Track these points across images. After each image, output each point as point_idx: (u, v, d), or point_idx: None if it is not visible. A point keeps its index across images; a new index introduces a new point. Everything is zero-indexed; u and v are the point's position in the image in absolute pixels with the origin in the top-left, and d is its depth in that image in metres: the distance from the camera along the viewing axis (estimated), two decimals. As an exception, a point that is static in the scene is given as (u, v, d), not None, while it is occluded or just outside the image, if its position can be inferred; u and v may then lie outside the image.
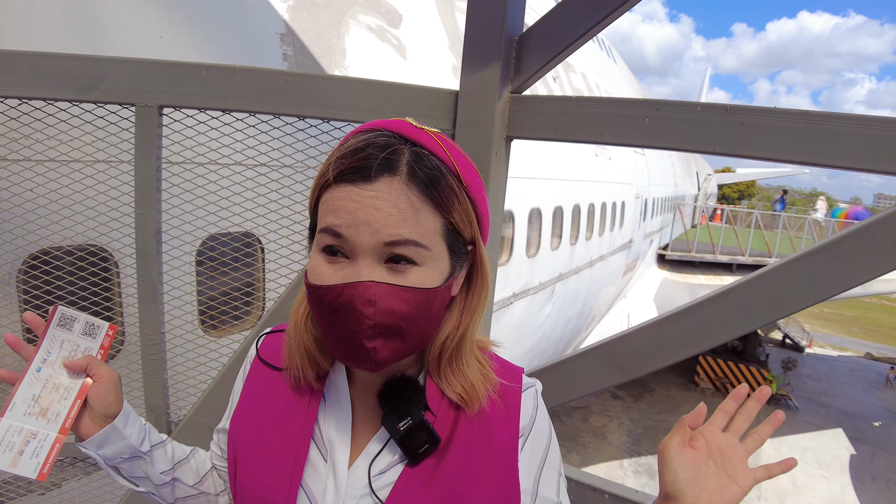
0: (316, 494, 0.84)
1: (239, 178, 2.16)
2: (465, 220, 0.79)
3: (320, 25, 3.60)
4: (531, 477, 0.88)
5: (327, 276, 0.74)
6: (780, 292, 1.67)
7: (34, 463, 0.90)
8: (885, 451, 16.37)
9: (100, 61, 1.78)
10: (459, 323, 0.86)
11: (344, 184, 0.73)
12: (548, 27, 1.83)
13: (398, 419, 0.82)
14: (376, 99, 1.86)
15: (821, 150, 1.59)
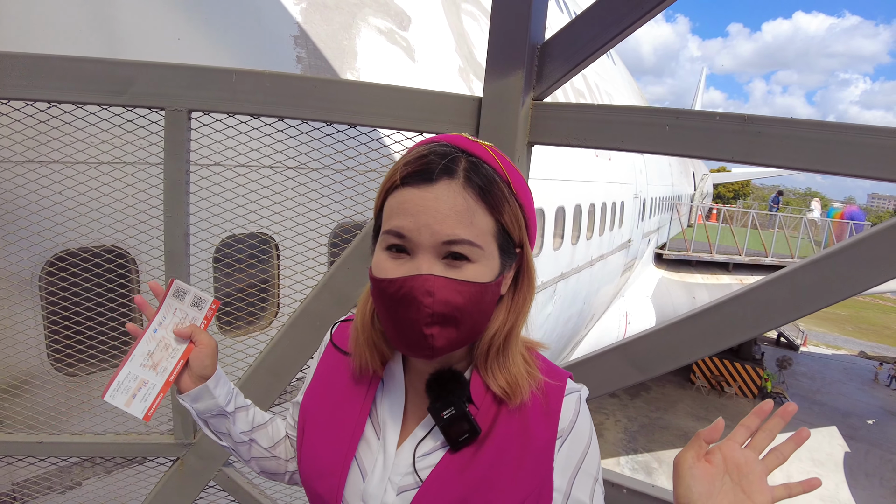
0: (367, 467, 0.94)
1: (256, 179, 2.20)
2: (515, 223, 0.87)
3: (332, 27, 3.64)
4: (566, 478, 0.92)
5: (391, 271, 0.83)
6: (798, 294, 1.72)
7: (142, 406, 1.07)
8: (879, 449, 16.53)
9: (129, 65, 1.82)
10: (506, 320, 0.92)
11: (408, 186, 0.82)
12: (570, 37, 1.87)
13: (443, 408, 0.89)
14: (402, 105, 1.90)
15: (835, 160, 1.65)
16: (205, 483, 2.16)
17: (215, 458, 2.13)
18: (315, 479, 0.97)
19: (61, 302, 2.26)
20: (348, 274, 2.01)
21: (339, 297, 2.02)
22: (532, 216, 0.92)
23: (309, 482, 0.98)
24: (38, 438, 2.08)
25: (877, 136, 1.59)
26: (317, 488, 0.96)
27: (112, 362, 2.48)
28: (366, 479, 0.93)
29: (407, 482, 0.91)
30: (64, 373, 2.40)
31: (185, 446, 2.11)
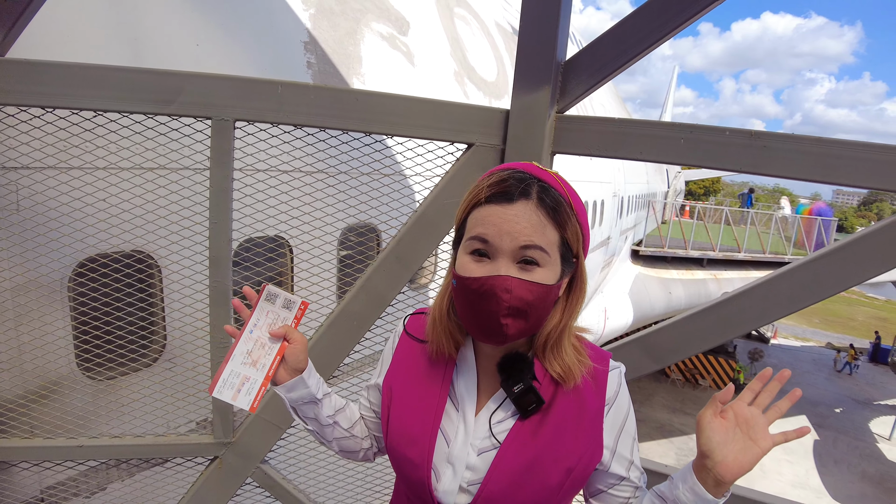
0: (450, 435, 1.12)
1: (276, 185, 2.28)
2: (575, 237, 1.05)
3: (339, 33, 3.72)
4: (613, 436, 1.13)
5: (475, 271, 1.01)
6: (796, 289, 1.92)
7: (247, 399, 1.19)
8: (846, 436, 17.20)
9: (177, 76, 1.89)
10: (562, 318, 1.11)
11: (491, 204, 1.01)
12: (592, 55, 2.01)
13: (514, 384, 1.07)
14: (435, 116, 2.02)
15: (831, 171, 1.86)
16: (242, 480, 2.24)
17: (254, 456, 2.22)
18: (405, 446, 1.14)
19: (91, 303, 2.31)
20: (383, 275, 2.12)
21: (376, 297, 2.13)
22: (587, 232, 1.09)
23: (399, 449, 1.15)
24: (77, 442, 2.14)
25: (867, 151, 1.81)
26: (407, 454, 1.13)
27: (133, 365, 2.54)
28: (450, 445, 1.11)
29: (485, 445, 1.09)
30: (94, 378, 2.45)
31: (224, 445, 2.19)
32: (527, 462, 1.07)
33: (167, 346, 2.64)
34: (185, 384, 2.36)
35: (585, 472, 1.12)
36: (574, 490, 1.15)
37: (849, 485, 14.31)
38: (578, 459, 1.09)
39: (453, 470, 1.10)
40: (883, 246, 1.82)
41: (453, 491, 1.10)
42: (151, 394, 2.35)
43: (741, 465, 0.99)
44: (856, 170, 1.83)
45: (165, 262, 2.52)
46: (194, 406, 2.41)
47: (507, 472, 1.07)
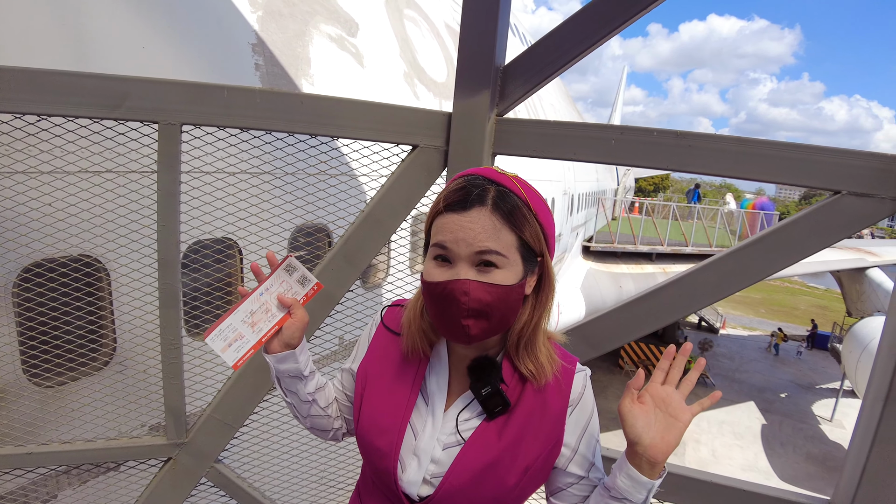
0: (418, 428, 1.18)
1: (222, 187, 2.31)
2: (535, 238, 1.10)
3: (287, 35, 3.74)
4: (575, 437, 1.19)
5: (437, 276, 1.07)
6: (722, 278, 2.09)
7: (234, 356, 1.23)
8: (791, 420, 18.07)
9: (124, 81, 1.90)
10: (532, 316, 1.16)
11: (449, 212, 1.06)
12: (530, 59, 2.12)
13: (482, 387, 1.14)
14: (381, 119, 2.09)
15: (750, 168, 2.03)
16: (197, 480, 2.26)
17: (207, 456, 2.24)
18: (375, 435, 1.19)
19: (37, 308, 2.29)
20: (331, 274, 2.17)
21: (324, 297, 2.18)
22: (550, 231, 1.14)
23: (369, 437, 1.21)
24: (26, 450, 2.12)
25: (782, 150, 1.99)
26: (376, 443, 1.19)
27: (82, 370, 2.52)
28: (417, 437, 1.17)
29: (451, 440, 1.16)
30: (42, 384, 2.42)
31: (178, 446, 2.21)
32: (489, 461, 1.13)
33: (117, 349, 2.63)
34: (137, 387, 2.36)
35: (542, 472, 1.19)
36: (530, 488, 1.20)
37: (795, 465, 15.05)
38: (535, 459, 1.15)
39: (419, 462, 1.16)
40: (801, 235, 2.02)
41: (417, 482, 1.16)
42: (102, 398, 2.34)
43: (668, 443, 1.05)
44: (772, 167, 2.01)
45: (114, 266, 2.51)
46: (146, 409, 2.41)
47: (469, 470, 1.13)
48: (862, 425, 2.04)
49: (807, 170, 1.98)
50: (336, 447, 2.76)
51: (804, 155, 1.98)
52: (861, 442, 2.02)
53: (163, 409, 2.15)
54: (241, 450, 2.47)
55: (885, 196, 1.92)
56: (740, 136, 2.04)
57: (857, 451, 2.03)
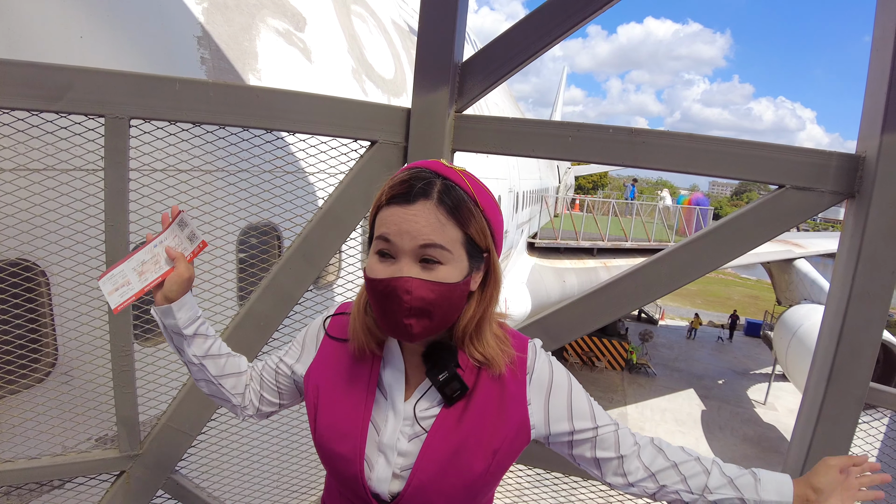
0: (380, 423, 1.15)
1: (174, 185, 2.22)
2: (480, 233, 1.07)
3: (233, 28, 3.62)
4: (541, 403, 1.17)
5: (379, 272, 1.03)
6: (675, 270, 2.18)
7: (118, 300, 1.25)
8: (729, 404, 18.96)
9: (66, 70, 1.79)
10: (476, 311, 1.13)
11: (393, 205, 1.03)
12: (488, 56, 2.13)
13: (438, 372, 1.11)
14: (339, 114, 2.05)
15: (700, 163, 2.12)
16: (153, 493, 2.16)
17: (164, 467, 2.14)
18: (336, 442, 1.15)
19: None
20: (289, 274, 2.12)
21: (282, 296, 2.13)
22: (497, 227, 1.12)
23: (329, 445, 1.16)
24: (-41, 468, 1.97)
25: (729, 146, 2.10)
26: (338, 449, 1.15)
27: (23, 382, 2.36)
28: (380, 433, 1.14)
29: (415, 430, 1.13)
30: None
31: (131, 458, 2.10)
32: (453, 448, 1.10)
33: (59, 359, 2.47)
34: (85, 398, 2.22)
35: (510, 455, 1.16)
36: (500, 472, 1.18)
37: (733, 448, 15.78)
38: (502, 441, 1.13)
39: (386, 458, 1.13)
40: (749, 228, 2.14)
41: (387, 478, 1.12)
42: (46, 411, 2.19)
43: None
44: (721, 162, 2.12)
45: (55, 270, 2.35)
46: (96, 421, 2.27)
47: (435, 459, 1.10)
48: (806, 406, 2.17)
49: (753, 165, 2.09)
50: (297, 452, 2.69)
51: (751, 151, 2.09)
52: (806, 422, 2.14)
53: (114, 419, 2.05)
54: (200, 459, 2.36)
55: (823, 189, 2.06)
56: (692, 133, 2.13)
57: (802, 431, 2.15)
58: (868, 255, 1.98)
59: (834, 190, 2.05)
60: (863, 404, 2.08)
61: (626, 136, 2.12)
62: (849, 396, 2.06)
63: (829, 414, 2.07)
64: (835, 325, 2.07)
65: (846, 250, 2.09)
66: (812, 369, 2.20)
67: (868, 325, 2.02)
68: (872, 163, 1.96)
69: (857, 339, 2.03)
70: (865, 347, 2.03)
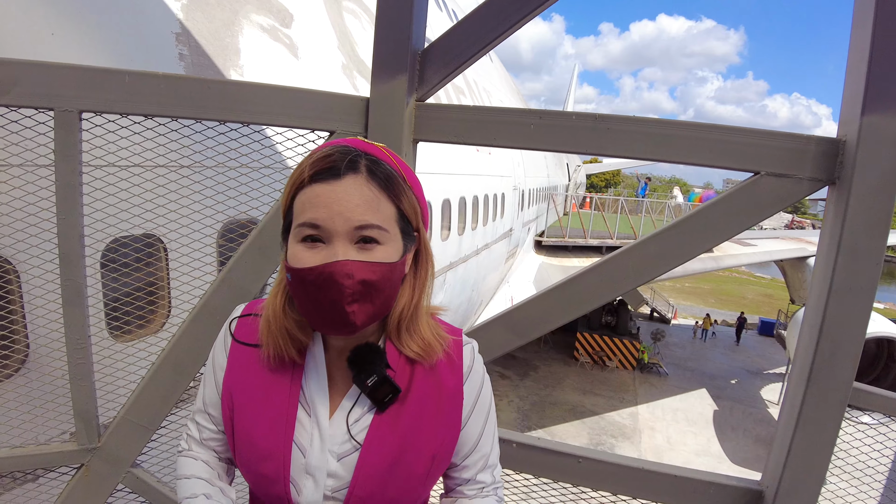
0: (305, 445, 1.05)
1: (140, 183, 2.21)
2: (412, 209, 1.02)
3: (214, 24, 3.61)
4: (466, 412, 1.13)
5: (308, 260, 0.93)
6: (644, 262, 2.11)
7: None
8: (742, 405, 18.73)
9: (10, 64, 1.79)
10: (412, 295, 1.07)
11: (318, 183, 0.93)
12: (447, 44, 2.09)
13: (366, 377, 1.03)
14: (295, 105, 2.02)
15: (670, 150, 2.05)
16: (113, 487, 2.15)
17: (123, 461, 2.13)
18: (258, 462, 1.06)
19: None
20: (246, 267, 2.10)
21: (238, 290, 2.11)
22: (424, 204, 1.08)
23: (251, 465, 1.07)
24: (-83, 460, 1.98)
25: (699, 132, 2.02)
26: (261, 470, 1.06)
27: None
28: (307, 455, 1.05)
29: (345, 449, 1.05)
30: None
31: (90, 451, 2.10)
32: (391, 458, 1.05)
33: (30, 354, 2.48)
34: (56, 393, 2.22)
35: (449, 454, 1.13)
36: (440, 471, 1.14)
37: (745, 448, 15.58)
38: (441, 443, 1.09)
39: (314, 480, 1.05)
40: (722, 217, 2.05)
41: (317, 502, 1.05)
42: (19, 406, 2.18)
43: None
44: (691, 149, 2.03)
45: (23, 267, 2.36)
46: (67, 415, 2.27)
47: (373, 474, 1.04)
48: (787, 407, 2.09)
49: (727, 151, 2.00)
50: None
51: (724, 136, 2.00)
52: (786, 424, 2.06)
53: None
54: (161, 453, 2.35)
55: (801, 176, 1.96)
56: (660, 118, 2.06)
57: (783, 432, 2.07)
58: (849, 246, 1.86)
59: (813, 176, 1.94)
60: (845, 406, 1.96)
61: (591, 122, 2.07)
62: (830, 398, 1.95)
63: (810, 416, 1.97)
64: (815, 321, 1.96)
65: (827, 241, 1.97)
66: (793, 369, 2.11)
67: (850, 322, 1.90)
68: (853, 147, 1.85)
69: (838, 337, 1.91)
70: (847, 345, 1.91)
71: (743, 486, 2.14)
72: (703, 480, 2.15)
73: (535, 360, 21.32)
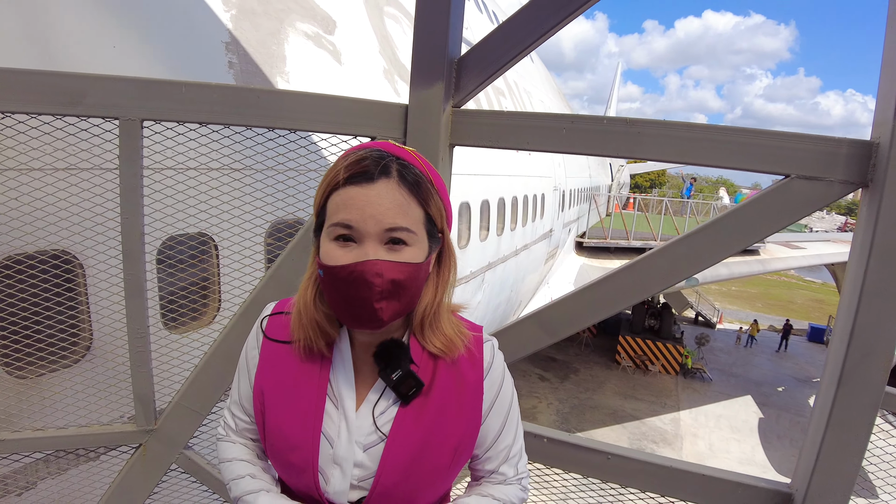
0: (333, 436, 1.11)
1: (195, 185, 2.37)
2: (438, 213, 1.07)
3: (261, 33, 3.80)
4: (486, 406, 1.18)
5: (341, 258, 0.99)
6: (674, 263, 2.15)
7: None
8: (788, 413, 18.17)
9: (80, 78, 1.96)
10: (435, 293, 1.13)
11: (351, 186, 0.99)
12: (482, 53, 2.18)
13: (391, 371, 1.09)
14: (338, 112, 2.14)
15: (700, 153, 2.09)
16: (167, 467, 2.32)
17: (177, 442, 2.30)
18: (287, 452, 1.12)
19: (8, 308, 2.34)
20: (293, 265, 2.23)
21: (285, 286, 2.24)
22: (449, 207, 1.12)
23: (281, 456, 1.14)
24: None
25: (730, 135, 2.05)
26: (291, 459, 1.12)
27: (60, 364, 2.59)
28: (334, 446, 1.10)
29: (371, 440, 1.10)
30: (14, 375, 2.48)
31: (147, 433, 2.27)
32: (415, 449, 1.09)
33: (93, 342, 2.69)
34: (118, 378, 2.41)
35: (471, 445, 1.17)
36: (461, 463, 1.18)
37: (791, 459, 15.12)
38: (463, 435, 1.14)
39: (341, 470, 1.10)
40: (751, 220, 2.07)
41: (344, 491, 1.10)
42: (84, 389, 2.39)
43: None
44: (720, 152, 2.07)
45: (90, 263, 2.57)
46: (128, 399, 2.46)
47: (398, 464, 1.08)
48: (817, 410, 2.08)
49: (755, 154, 2.02)
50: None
51: (752, 139, 2.02)
52: (816, 426, 2.05)
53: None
54: (210, 437, 2.52)
55: (833, 179, 1.96)
56: (690, 122, 2.10)
57: (813, 435, 2.06)
58: (881, 249, 1.84)
59: (845, 179, 1.93)
60: (877, 410, 1.94)
61: (622, 126, 2.11)
62: (861, 401, 1.93)
63: (840, 419, 1.96)
64: (846, 323, 1.95)
65: (859, 244, 1.96)
66: (824, 372, 2.10)
67: (881, 325, 1.88)
68: (886, 149, 1.84)
69: (869, 340, 1.89)
70: (879, 348, 1.90)
71: (772, 487, 2.14)
72: (733, 481, 2.16)
73: (575, 362, 21.18)
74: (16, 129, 1.98)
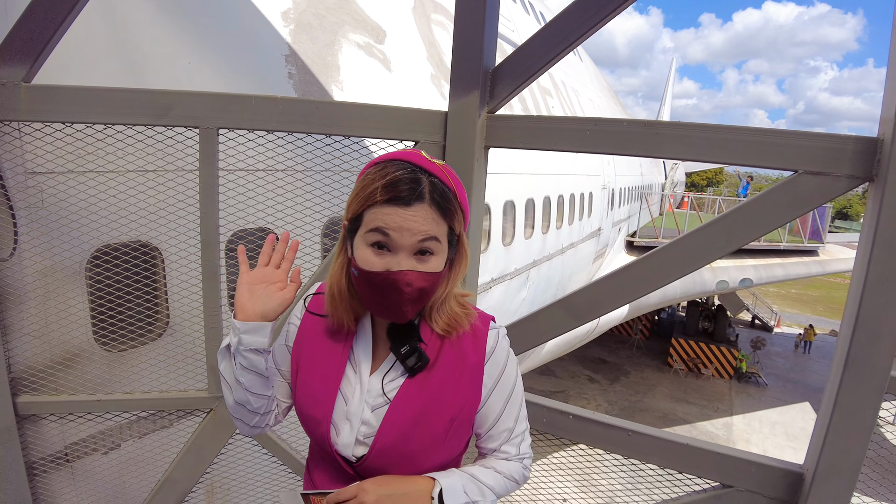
0: (348, 395, 1.29)
1: (262, 184, 2.70)
2: (459, 223, 1.21)
3: (317, 45, 4.13)
4: (487, 390, 1.31)
5: (376, 265, 1.12)
6: (688, 253, 2.33)
7: None
8: (847, 422, 17.43)
9: (169, 94, 2.31)
10: (445, 288, 1.27)
11: (390, 205, 1.11)
12: (515, 62, 2.41)
13: (401, 346, 1.25)
14: (386, 119, 2.42)
15: (713, 152, 2.27)
16: (234, 430, 2.66)
17: (243, 408, 2.64)
18: (310, 406, 1.30)
19: (105, 289, 2.73)
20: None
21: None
22: (467, 213, 1.24)
23: (305, 409, 1.31)
24: (96, 397, 2.57)
25: (741, 134, 2.22)
26: (311, 413, 1.29)
27: (143, 339, 2.98)
28: (348, 403, 1.28)
29: (378, 402, 1.25)
30: (107, 349, 2.88)
31: (217, 398, 2.62)
32: (414, 414, 1.23)
33: (170, 322, 3.07)
34: (194, 351, 2.77)
35: (467, 422, 1.30)
36: (458, 436, 1.30)
37: (848, 468, 14.60)
38: (460, 409, 1.27)
39: (350, 425, 1.25)
40: (761, 213, 2.23)
41: (351, 444, 1.25)
42: (165, 360, 2.78)
43: None
44: (732, 150, 2.23)
45: (170, 252, 2.94)
46: (197, 371, 2.82)
47: (397, 425, 1.22)
48: (827, 393, 2.21)
49: (765, 152, 2.18)
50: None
51: (762, 138, 2.18)
52: (825, 408, 2.18)
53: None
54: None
55: (839, 174, 2.09)
56: (703, 122, 2.26)
57: (823, 417, 2.20)
58: (884, 239, 1.97)
59: (851, 174, 2.06)
60: (883, 393, 2.06)
61: (640, 128, 2.30)
62: (867, 384, 2.05)
63: (846, 402, 2.08)
64: (853, 310, 2.08)
65: (865, 234, 2.09)
66: (835, 355, 2.23)
67: (886, 310, 2.00)
68: (889, 145, 1.97)
69: (874, 325, 2.01)
70: (884, 334, 2.01)
71: (785, 467, 2.29)
72: (747, 460, 2.32)
73: (626, 364, 20.98)
74: (115, 137, 2.35)
